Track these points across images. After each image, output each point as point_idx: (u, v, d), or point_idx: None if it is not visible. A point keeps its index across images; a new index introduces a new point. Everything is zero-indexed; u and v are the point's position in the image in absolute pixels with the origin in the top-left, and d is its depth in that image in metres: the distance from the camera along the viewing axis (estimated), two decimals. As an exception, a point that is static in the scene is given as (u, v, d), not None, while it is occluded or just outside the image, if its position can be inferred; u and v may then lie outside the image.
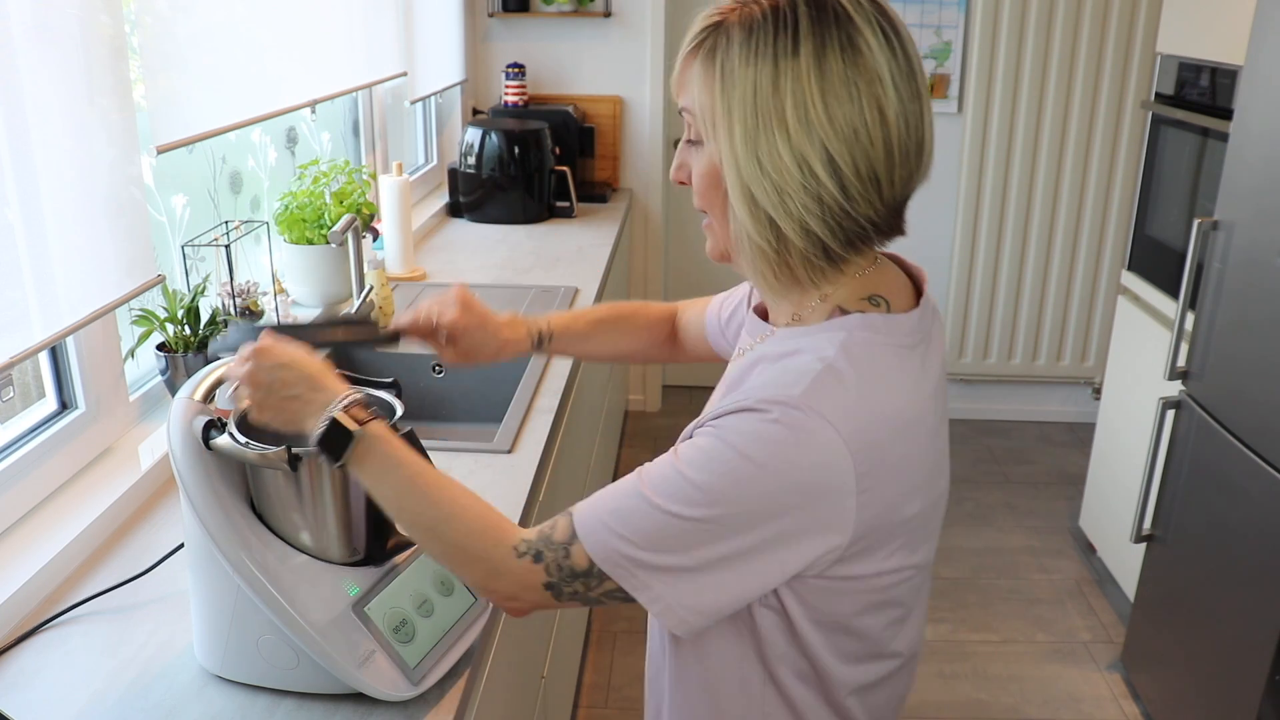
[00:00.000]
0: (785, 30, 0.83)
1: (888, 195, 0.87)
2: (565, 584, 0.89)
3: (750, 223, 0.87)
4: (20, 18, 1.19)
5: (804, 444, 0.82)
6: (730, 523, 0.83)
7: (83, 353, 1.49)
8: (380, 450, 0.94)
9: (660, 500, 0.85)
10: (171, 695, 1.06)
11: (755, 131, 0.84)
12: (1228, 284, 2.16)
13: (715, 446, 0.84)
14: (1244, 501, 2.07)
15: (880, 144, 0.84)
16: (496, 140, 3.14)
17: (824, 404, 0.83)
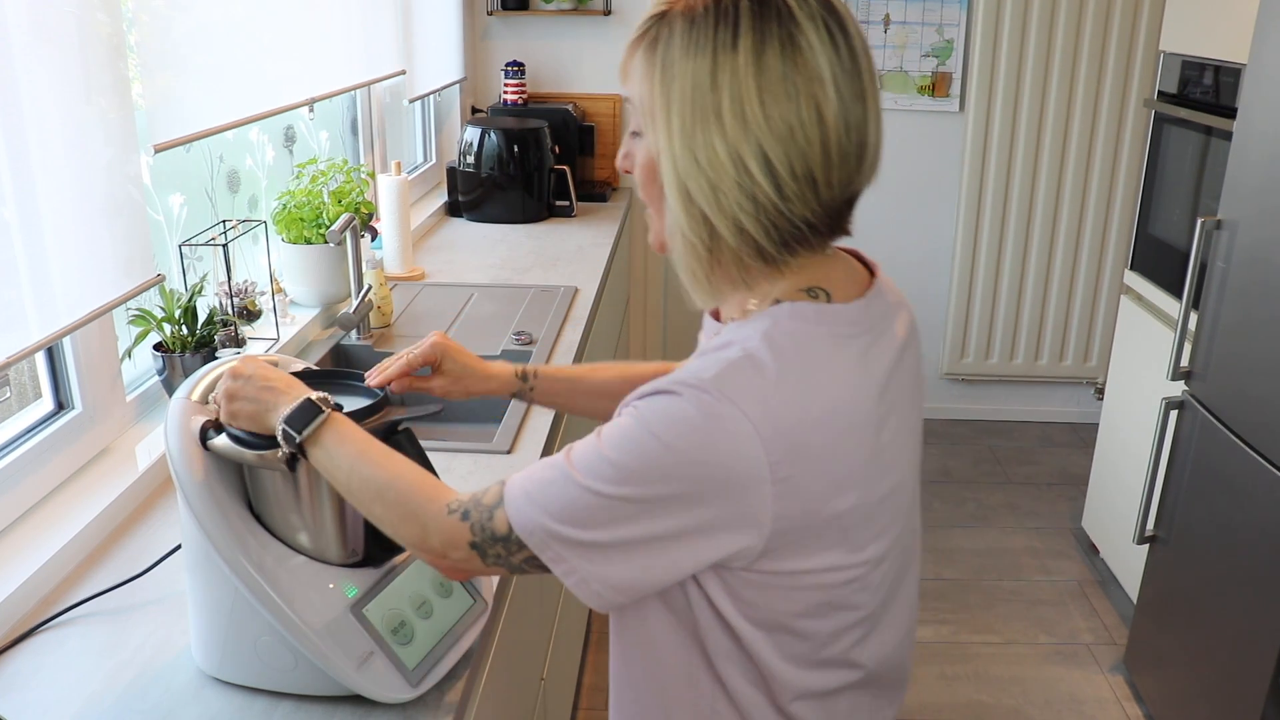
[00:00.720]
0: (726, 24, 0.82)
1: (825, 196, 0.85)
2: (488, 546, 0.89)
3: (684, 218, 0.86)
4: (17, 16, 1.19)
5: (713, 429, 0.80)
6: (643, 503, 0.82)
7: (79, 353, 1.48)
8: (339, 430, 0.97)
9: (580, 476, 0.84)
10: (169, 697, 1.06)
11: (692, 126, 0.83)
12: (1231, 283, 2.16)
13: (630, 426, 0.83)
14: (1248, 502, 2.06)
15: (818, 144, 0.83)
16: (496, 139, 3.13)
17: (735, 390, 0.81)
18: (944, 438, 4.04)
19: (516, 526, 0.87)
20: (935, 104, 3.75)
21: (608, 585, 0.86)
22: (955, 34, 3.68)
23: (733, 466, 0.81)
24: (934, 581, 3.09)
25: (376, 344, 2.11)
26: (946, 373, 4.09)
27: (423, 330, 2.20)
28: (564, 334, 2.18)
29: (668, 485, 0.82)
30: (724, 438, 0.80)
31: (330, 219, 2.10)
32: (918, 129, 3.79)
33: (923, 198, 3.88)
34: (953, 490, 3.63)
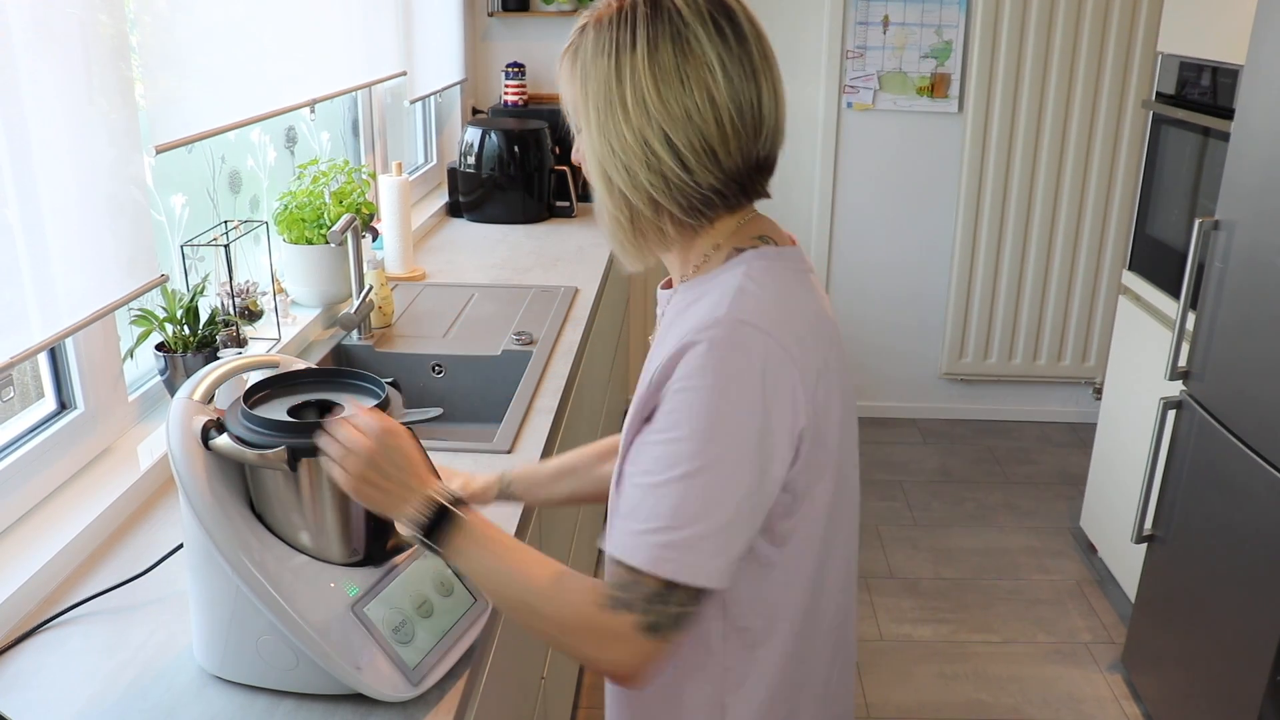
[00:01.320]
0: (626, 28, 0.95)
1: (727, 165, 0.97)
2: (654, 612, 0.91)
3: (607, 198, 1.00)
4: (20, 17, 1.19)
5: (741, 349, 0.91)
6: (728, 455, 0.90)
7: (82, 353, 1.49)
8: (468, 532, 0.98)
9: (661, 476, 0.91)
10: (170, 696, 1.06)
11: (605, 118, 0.96)
12: (1229, 284, 2.16)
13: (675, 401, 0.92)
14: (1245, 502, 2.07)
15: (712, 122, 0.95)
16: (496, 140, 3.14)
17: (746, 313, 0.93)
18: (943, 437, 4.05)
19: (650, 567, 0.90)
20: (934, 105, 3.76)
21: (736, 558, 0.93)
22: (954, 35, 3.68)
23: (771, 370, 0.92)
24: (933, 581, 3.09)
25: (377, 344, 2.11)
26: (945, 373, 4.10)
27: (424, 330, 2.20)
28: (564, 334, 2.18)
29: (735, 420, 0.90)
30: (754, 353, 0.91)
31: (331, 219, 2.10)
32: (917, 130, 3.79)
33: (922, 198, 3.89)
34: (951, 490, 3.64)
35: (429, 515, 0.97)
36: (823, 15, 3.72)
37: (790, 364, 0.93)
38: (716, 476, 0.90)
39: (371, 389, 1.10)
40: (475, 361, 2.08)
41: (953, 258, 3.94)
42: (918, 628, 2.87)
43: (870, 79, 3.74)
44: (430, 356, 2.09)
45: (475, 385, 2.08)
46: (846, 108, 3.78)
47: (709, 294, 0.98)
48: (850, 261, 3.93)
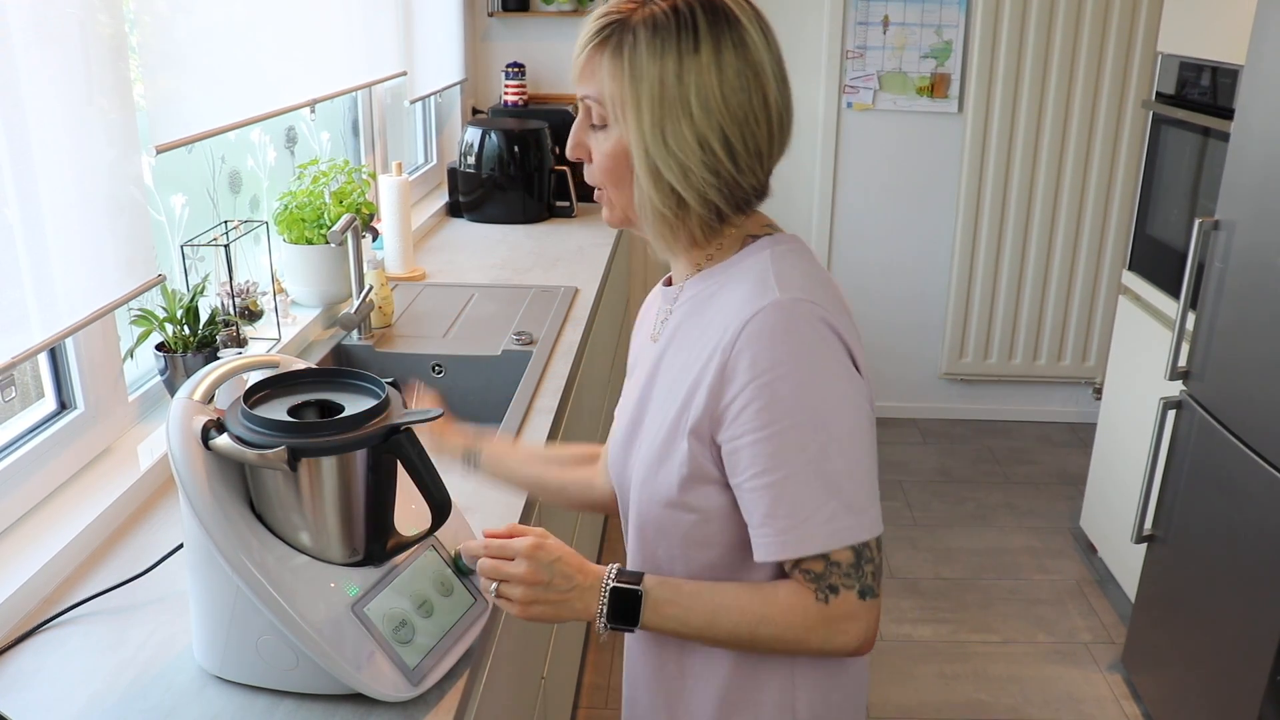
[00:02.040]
0: (688, 30, 0.96)
1: (768, 165, 1.02)
2: (858, 576, 0.96)
3: (655, 194, 1.00)
4: (19, 17, 1.19)
5: (806, 321, 0.95)
6: (841, 418, 0.95)
7: (82, 353, 1.49)
8: (656, 600, 1.00)
9: (790, 468, 0.93)
10: (170, 696, 1.06)
11: (662, 117, 0.97)
12: (1229, 284, 2.16)
13: (762, 395, 0.93)
14: (1245, 502, 2.07)
15: (764, 124, 0.99)
16: (496, 140, 3.14)
17: (796, 290, 0.96)
18: (943, 437, 4.05)
19: (834, 545, 0.95)
20: (934, 105, 3.76)
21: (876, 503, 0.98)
22: (954, 35, 3.68)
23: (837, 339, 0.96)
24: (933, 581, 3.09)
25: (377, 344, 2.11)
26: (945, 373, 4.10)
27: (424, 330, 2.20)
28: (564, 334, 2.18)
29: (832, 385, 0.95)
30: (818, 321, 0.95)
31: (331, 219, 2.10)
32: (917, 130, 3.79)
33: (921, 199, 3.89)
34: (951, 490, 3.64)
35: (610, 602, 1.00)
36: (823, 15, 3.72)
37: (846, 333, 0.98)
38: (841, 440, 0.94)
39: (372, 389, 1.10)
40: (475, 361, 2.08)
41: (953, 258, 3.94)
42: (918, 628, 2.87)
43: (870, 79, 3.75)
44: (430, 356, 2.09)
45: (475, 385, 2.08)
46: (846, 108, 3.78)
47: (735, 281, 1.01)
48: (850, 261, 3.93)
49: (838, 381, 0.96)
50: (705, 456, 0.99)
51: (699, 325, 1.03)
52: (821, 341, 0.95)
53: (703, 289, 1.05)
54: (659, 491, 1.03)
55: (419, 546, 1.12)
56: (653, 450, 1.03)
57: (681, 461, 1.00)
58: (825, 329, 0.96)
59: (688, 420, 0.99)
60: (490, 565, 1.02)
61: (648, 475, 1.04)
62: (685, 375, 1.01)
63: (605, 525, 3.20)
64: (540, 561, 1.00)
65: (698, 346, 1.00)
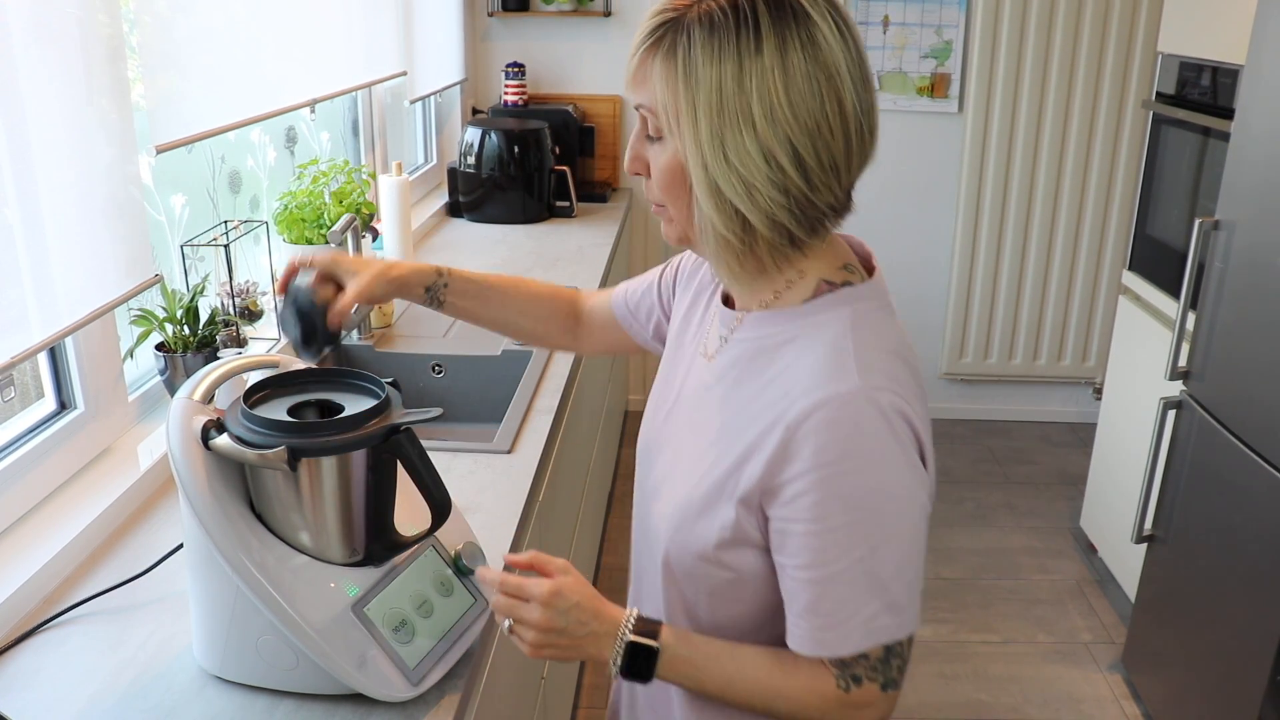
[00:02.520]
0: (747, 28, 0.85)
1: (845, 181, 0.91)
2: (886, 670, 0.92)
3: (716, 215, 0.89)
4: (19, 17, 1.19)
5: (881, 419, 0.87)
6: (900, 521, 0.88)
7: (81, 353, 1.49)
8: (682, 655, 0.96)
9: (838, 565, 0.87)
10: (170, 696, 1.06)
11: (721, 128, 0.86)
12: (1229, 284, 2.16)
13: (823, 487, 0.87)
14: (1245, 502, 2.07)
15: (840, 134, 0.88)
16: (496, 140, 3.14)
17: (875, 380, 0.88)
18: (943, 437, 4.05)
19: (869, 645, 0.90)
20: (934, 105, 3.76)
21: None
22: (954, 35, 3.68)
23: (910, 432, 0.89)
24: (933, 581, 3.09)
25: (377, 344, 2.11)
26: (945, 373, 4.10)
27: (423, 331, 2.20)
28: (564, 334, 2.18)
29: (897, 488, 0.88)
30: (893, 416, 0.87)
31: (331, 219, 2.10)
32: (917, 130, 3.79)
33: (921, 198, 3.89)
34: (951, 490, 3.64)
35: (625, 654, 0.95)
36: (823, 15, 3.72)
37: (920, 421, 0.90)
38: (894, 539, 0.88)
39: (372, 389, 1.10)
40: (475, 361, 2.08)
41: (953, 257, 3.94)
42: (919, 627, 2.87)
43: (870, 79, 3.74)
44: (430, 356, 2.09)
45: (475, 385, 2.08)
46: (846, 108, 3.77)
47: (807, 339, 0.92)
48: (850, 261, 3.92)
49: (902, 479, 0.88)
50: (750, 523, 0.93)
51: (761, 378, 0.94)
52: (894, 438, 0.87)
53: (768, 334, 0.95)
54: (693, 543, 0.97)
55: (419, 546, 1.12)
56: (691, 500, 0.97)
57: (724, 525, 0.93)
58: (901, 423, 0.88)
59: (737, 487, 0.92)
60: (505, 604, 0.97)
61: (683, 522, 0.97)
62: (740, 434, 0.93)
63: (602, 539, 3.20)
64: (557, 609, 0.95)
65: (758, 404, 0.93)
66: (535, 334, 1.32)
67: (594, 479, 2.73)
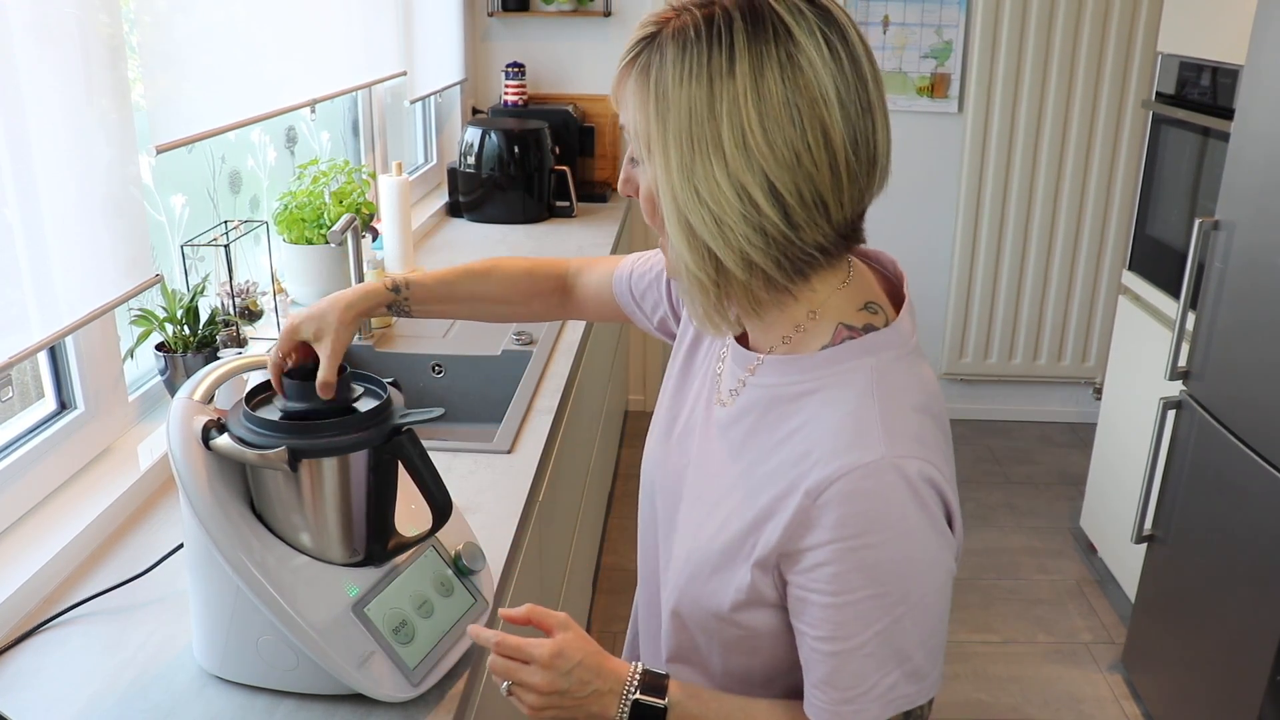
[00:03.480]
0: (720, 47, 0.77)
1: (837, 218, 0.81)
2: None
3: (688, 253, 0.82)
4: (19, 17, 1.19)
5: (907, 488, 0.80)
6: (925, 591, 0.83)
7: (81, 352, 1.49)
8: (691, 713, 0.92)
9: (859, 637, 0.83)
10: (170, 696, 1.06)
11: (691, 157, 0.78)
12: (1229, 284, 2.16)
13: (844, 560, 0.81)
14: (1245, 502, 2.07)
15: (825, 168, 0.78)
16: (496, 140, 3.14)
17: (900, 446, 0.81)
18: (943, 438, 4.04)
19: (887, 714, 0.85)
20: (934, 105, 3.76)
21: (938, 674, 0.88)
22: (954, 35, 3.68)
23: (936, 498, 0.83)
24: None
25: (378, 344, 2.11)
26: (945, 372, 4.10)
27: (423, 331, 2.20)
28: (564, 334, 2.18)
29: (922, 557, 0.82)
30: (919, 484, 0.81)
31: (331, 219, 2.10)
32: (916, 130, 3.79)
33: (921, 199, 3.89)
34: (952, 490, 3.63)
35: (630, 714, 0.91)
36: (823, 15, 3.72)
37: (948, 486, 0.84)
38: (918, 608, 0.83)
39: (373, 390, 1.10)
40: (475, 361, 2.08)
41: (953, 257, 3.94)
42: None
43: (870, 79, 3.74)
44: (430, 356, 2.09)
45: (475, 385, 2.08)
46: (846, 108, 3.77)
47: (829, 393, 0.85)
48: (850, 261, 3.92)
49: (927, 549, 0.82)
50: (766, 584, 0.87)
51: (778, 431, 0.87)
52: (920, 508, 0.81)
53: (784, 383, 0.88)
54: (705, 600, 0.92)
55: (419, 547, 1.12)
56: (704, 556, 0.91)
57: (739, 588, 0.88)
58: (928, 490, 0.81)
59: (753, 550, 0.86)
60: (503, 666, 0.94)
61: (695, 576, 0.92)
62: (756, 493, 0.87)
63: (602, 539, 3.20)
64: (559, 670, 0.92)
65: (774, 461, 0.86)
66: (519, 314, 1.27)
67: (594, 479, 2.73)
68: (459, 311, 1.24)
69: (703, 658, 0.96)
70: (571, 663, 0.92)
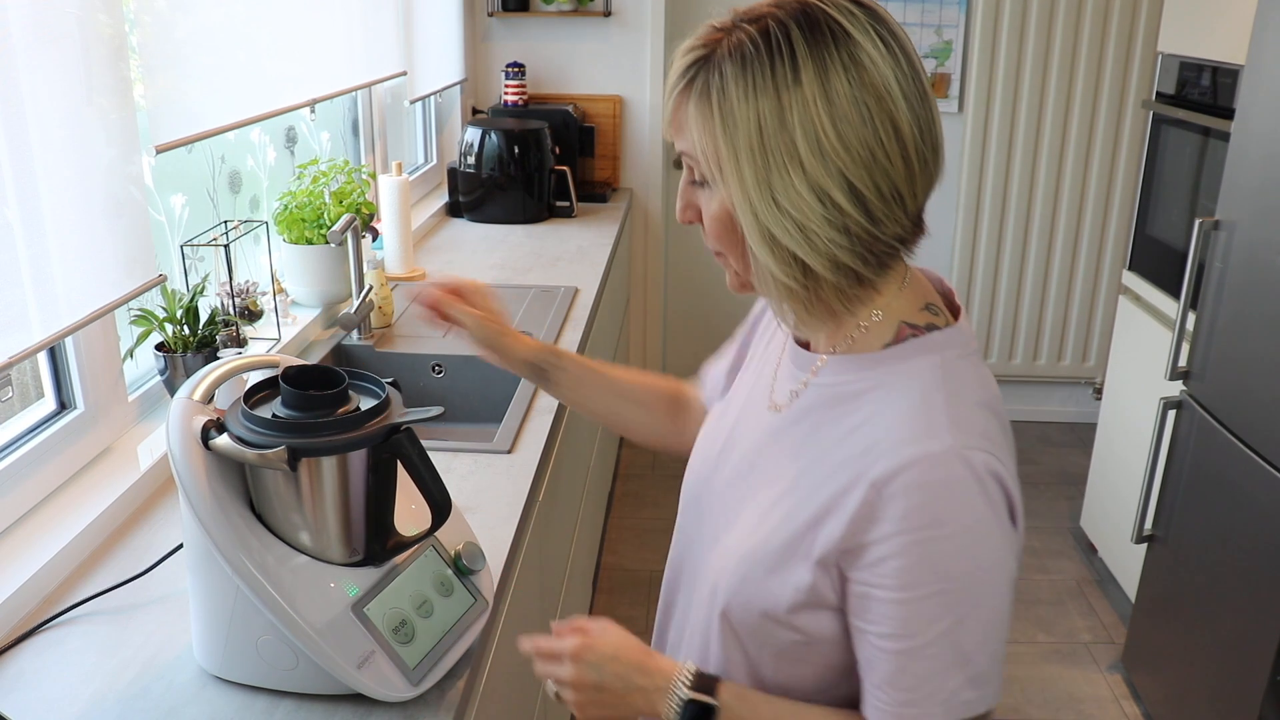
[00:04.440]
0: (782, 58, 0.79)
1: (911, 207, 0.84)
2: None
3: (774, 264, 0.83)
4: (19, 16, 1.19)
5: (975, 480, 0.80)
6: (990, 587, 0.82)
7: (81, 353, 1.49)
8: (743, 715, 0.91)
9: (924, 636, 0.82)
10: (170, 696, 1.06)
11: (767, 171, 0.80)
12: (1229, 284, 2.16)
13: (909, 553, 0.80)
14: (1245, 502, 2.07)
15: (899, 159, 0.81)
16: (496, 140, 3.14)
17: (968, 439, 0.81)
18: (943, 438, 4.04)
19: (950, 716, 0.84)
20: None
21: None
22: (954, 35, 3.68)
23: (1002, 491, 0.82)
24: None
25: (378, 344, 2.11)
26: (946, 373, 4.09)
27: (423, 331, 2.20)
28: (564, 334, 2.18)
29: (989, 552, 0.82)
30: (986, 478, 0.81)
31: (331, 219, 2.10)
32: (917, 129, 3.79)
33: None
34: (952, 490, 3.63)
35: (682, 711, 0.90)
36: (823, 15, 3.72)
37: (1011, 480, 0.83)
38: (982, 608, 0.82)
39: (373, 389, 1.10)
40: (475, 361, 2.07)
41: (952, 257, 3.94)
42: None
43: (870, 79, 3.74)
44: (430, 356, 2.09)
45: (475, 385, 2.08)
46: (846, 108, 3.77)
47: (892, 389, 0.85)
48: (850, 261, 3.92)
49: (993, 546, 0.81)
50: (827, 585, 0.86)
51: (840, 426, 0.87)
52: (986, 502, 0.80)
53: (847, 380, 0.88)
54: (760, 601, 0.90)
55: (419, 546, 1.12)
56: (760, 555, 0.89)
57: (798, 588, 0.87)
58: (994, 484, 0.81)
59: (814, 547, 0.85)
60: (541, 667, 0.96)
61: (748, 577, 0.90)
62: (817, 487, 0.86)
63: (602, 539, 3.20)
64: (587, 663, 0.93)
65: (837, 456, 0.86)
66: (640, 421, 1.26)
67: (594, 479, 2.73)
68: (580, 409, 1.27)
69: (752, 666, 0.94)
70: (601, 655, 0.93)
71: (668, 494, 3.50)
